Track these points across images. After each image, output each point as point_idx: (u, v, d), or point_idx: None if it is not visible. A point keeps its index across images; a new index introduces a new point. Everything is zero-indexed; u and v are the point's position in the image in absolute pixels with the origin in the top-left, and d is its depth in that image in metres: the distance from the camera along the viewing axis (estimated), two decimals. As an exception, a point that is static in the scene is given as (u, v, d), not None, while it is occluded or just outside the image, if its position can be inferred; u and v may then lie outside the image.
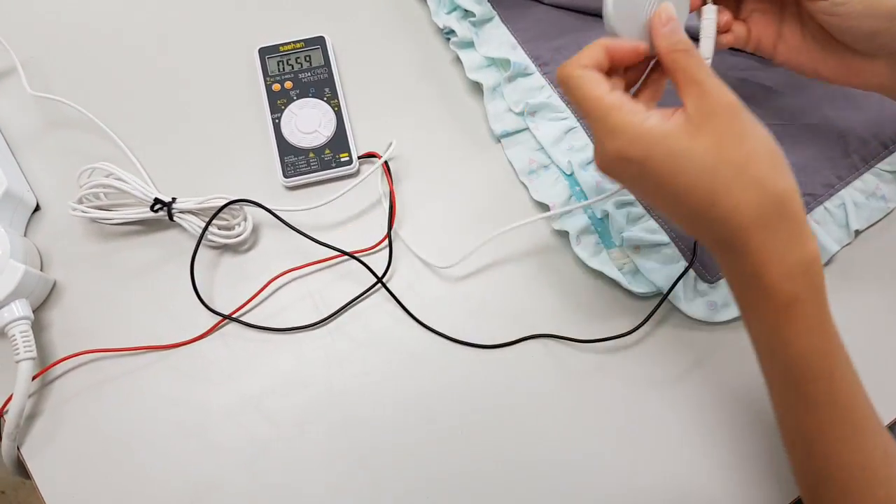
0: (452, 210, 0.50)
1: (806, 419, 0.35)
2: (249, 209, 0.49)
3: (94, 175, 0.49)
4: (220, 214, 0.48)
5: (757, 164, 0.33)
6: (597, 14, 0.53)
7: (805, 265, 0.33)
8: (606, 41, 0.36)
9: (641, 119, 0.34)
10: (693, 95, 0.34)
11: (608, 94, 0.34)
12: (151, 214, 0.48)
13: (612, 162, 0.35)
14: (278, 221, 0.48)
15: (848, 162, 0.49)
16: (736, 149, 0.33)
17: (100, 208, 0.49)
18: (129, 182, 0.49)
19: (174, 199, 0.48)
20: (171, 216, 0.48)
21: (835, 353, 0.34)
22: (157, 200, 0.48)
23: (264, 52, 0.52)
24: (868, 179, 0.49)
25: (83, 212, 0.48)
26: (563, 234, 0.48)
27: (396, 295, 0.47)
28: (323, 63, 0.52)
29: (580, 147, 0.50)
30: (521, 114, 0.51)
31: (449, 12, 0.53)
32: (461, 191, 0.50)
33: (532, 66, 0.52)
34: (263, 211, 0.48)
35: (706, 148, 0.32)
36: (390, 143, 0.49)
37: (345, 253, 0.47)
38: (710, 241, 0.35)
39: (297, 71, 0.52)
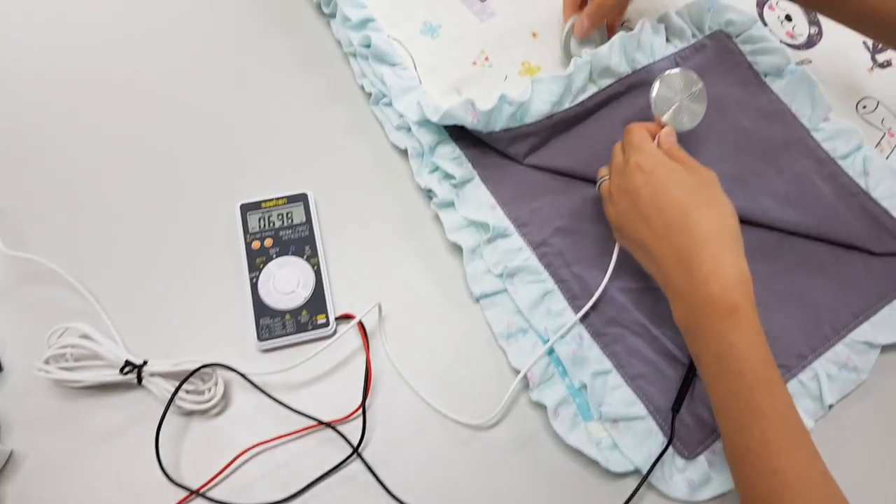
0: (432, 375, 0.49)
1: (753, 431, 0.39)
2: (222, 371, 0.48)
3: (65, 335, 0.48)
4: (191, 378, 0.47)
5: (723, 200, 0.45)
6: (572, 176, 0.56)
7: (743, 280, 0.42)
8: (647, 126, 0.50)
9: (658, 150, 0.48)
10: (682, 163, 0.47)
11: (648, 137, 0.49)
12: (120, 377, 0.47)
13: (629, 174, 0.46)
14: (249, 385, 0.47)
15: (820, 332, 0.50)
16: (711, 188, 0.46)
17: (67, 369, 0.47)
18: (101, 343, 0.47)
19: (145, 362, 0.47)
20: (139, 380, 0.47)
21: (772, 364, 0.41)
22: (127, 363, 0.47)
23: (246, 209, 0.52)
24: (840, 350, 0.50)
25: (48, 373, 0.47)
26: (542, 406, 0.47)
27: (372, 465, 0.46)
28: (305, 220, 0.52)
29: (558, 311, 0.50)
30: (500, 275, 0.51)
31: (431, 172, 0.54)
32: (441, 353, 0.50)
33: (511, 228, 0.53)
34: (234, 374, 0.47)
35: (691, 180, 0.45)
36: (375, 306, 0.49)
37: (319, 422, 0.46)
38: (674, 254, 0.43)
39: (278, 228, 0.52)
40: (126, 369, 0.46)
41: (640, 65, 0.57)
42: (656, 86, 0.50)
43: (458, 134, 0.55)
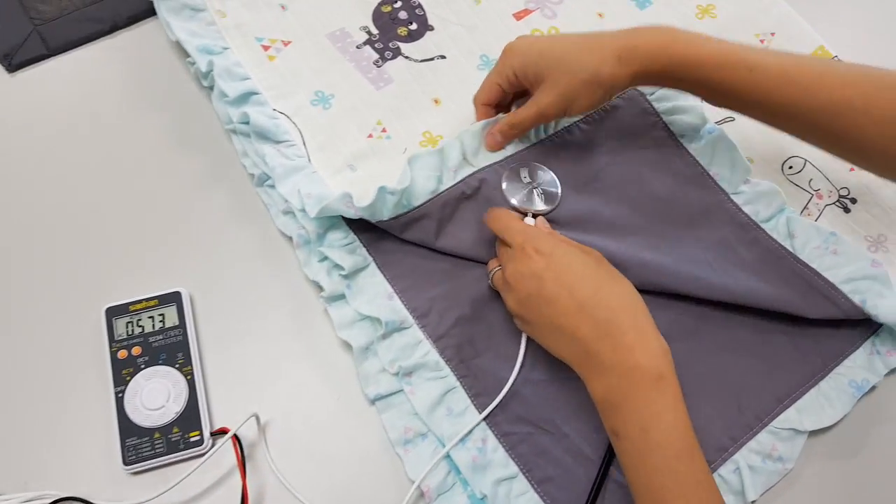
0: (324, 488, 0.44)
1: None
2: (81, 504, 0.43)
3: None
4: (46, 513, 0.42)
5: (622, 277, 0.44)
6: (473, 259, 0.51)
7: (665, 351, 0.41)
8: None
9: (548, 231, 0.49)
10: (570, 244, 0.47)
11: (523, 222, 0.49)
12: (-38, 517, 0.42)
13: (526, 259, 0.44)
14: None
15: (742, 421, 0.46)
16: (607, 266, 0.45)
17: None
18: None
19: (-7, 497, 0.42)
20: (-15, 519, 0.41)
21: (692, 432, 0.40)
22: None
23: (112, 313, 0.47)
24: (763, 439, 0.46)
25: None
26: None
27: None
28: (177, 322, 0.47)
29: (459, 411, 0.46)
30: (396, 374, 0.47)
31: (320, 261, 0.50)
32: (334, 464, 0.45)
33: (410, 319, 0.48)
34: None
35: (589, 259, 0.45)
36: (252, 417, 0.44)
37: None
38: (592, 328, 0.41)
39: (148, 333, 0.47)
40: (-31, 509, 0.41)
41: (521, 145, 0.53)
42: (503, 183, 0.52)
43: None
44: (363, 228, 0.51)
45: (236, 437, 0.44)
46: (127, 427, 0.44)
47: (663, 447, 0.39)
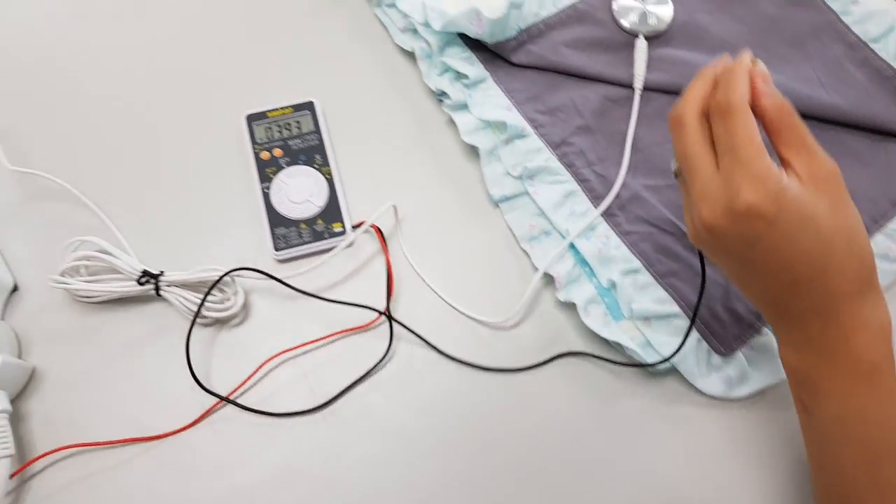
0: (454, 279, 0.48)
1: None
2: (240, 281, 0.47)
3: (80, 249, 0.47)
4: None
5: (860, 234, 0.34)
6: (586, 77, 0.53)
7: (884, 332, 0.34)
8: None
9: (779, 174, 0.32)
10: (803, 159, 0.33)
11: (758, 137, 0.33)
12: (138, 289, 0.46)
13: (737, 216, 0.32)
14: (270, 293, 0.46)
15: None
16: (845, 218, 0.34)
17: (84, 282, 0.46)
18: (117, 255, 0.46)
19: (162, 273, 0.46)
20: (157, 291, 0.46)
21: None
22: (144, 273, 0.46)
23: (251, 119, 0.50)
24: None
25: (66, 284, 0.46)
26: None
27: (398, 369, 0.45)
28: (313, 128, 0.50)
29: (581, 212, 0.49)
30: (519, 177, 0.49)
31: (441, 73, 0.52)
32: (462, 258, 0.49)
33: (528, 128, 0.50)
34: (253, 283, 0.46)
35: (824, 215, 0.33)
36: (390, 207, 0.48)
37: (368, 308, 0.45)
38: (802, 309, 0.34)
39: (287, 138, 0.50)
40: (143, 280, 0.46)
41: None
42: (614, 4, 0.52)
43: (468, 32, 0.53)
44: (479, 47, 0.53)
45: (378, 227, 0.48)
46: (275, 218, 0.48)
47: (863, 443, 0.34)
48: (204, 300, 0.44)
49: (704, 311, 0.46)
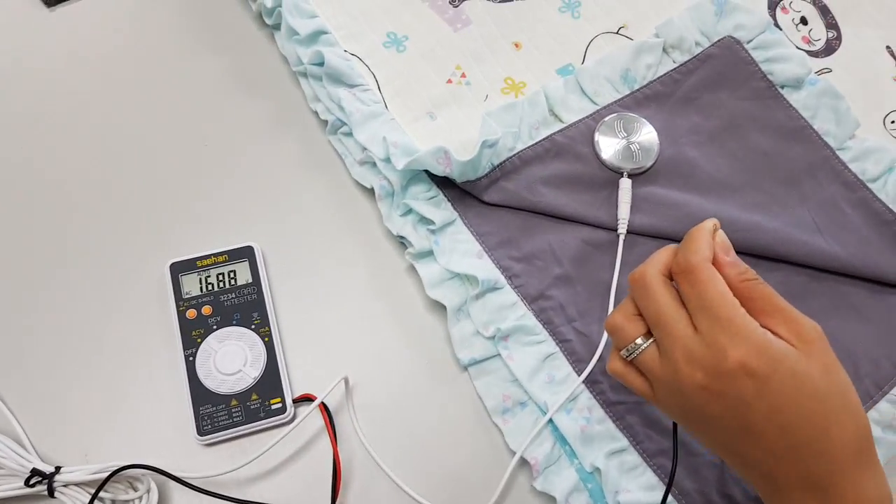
0: (415, 461, 0.41)
1: None
2: (155, 476, 0.38)
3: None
4: (116, 486, 0.38)
5: (854, 400, 0.32)
6: (564, 218, 0.47)
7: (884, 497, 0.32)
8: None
9: (763, 330, 0.31)
10: (785, 324, 0.32)
11: (730, 293, 0.32)
12: (27, 490, 0.37)
13: (729, 375, 0.31)
14: (192, 491, 0.38)
15: (860, 388, 0.43)
16: (838, 382, 0.32)
17: (-51, 482, 0.38)
18: (0, 448, 0.38)
19: (58, 469, 0.38)
20: (51, 492, 0.37)
21: None
22: (34, 472, 0.37)
23: (177, 269, 0.43)
24: (883, 409, 0.43)
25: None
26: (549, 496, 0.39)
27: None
28: (251, 280, 0.43)
29: (561, 379, 0.42)
30: (491, 338, 0.43)
31: (403, 215, 0.46)
32: (425, 434, 0.41)
33: (502, 279, 0.44)
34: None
35: (818, 376, 0.31)
36: (340, 381, 0.40)
37: None
38: (800, 478, 0.31)
39: (219, 292, 0.42)
40: (33, 480, 0.37)
41: (614, 95, 0.50)
42: (597, 137, 0.48)
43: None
44: (447, 183, 0.47)
45: (324, 406, 0.40)
46: (200, 393, 0.40)
47: None
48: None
49: (697, 497, 0.40)
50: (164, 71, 0.51)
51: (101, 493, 0.37)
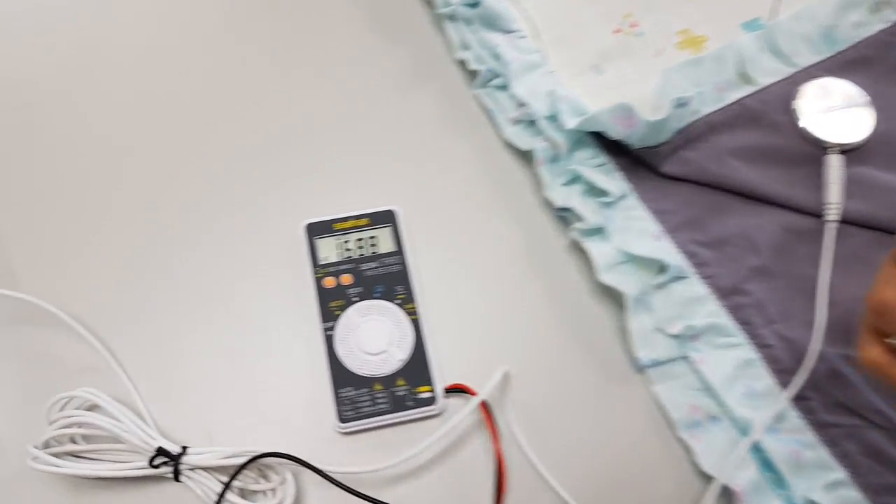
0: (583, 474, 0.34)
1: None
2: (292, 467, 0.34)
3: (69, 406, 0.34)
4: (246, 473, 0.33)
5: None
6: (759, 198, 0.40)
7: None
8: None
9: None
10: None
11: None
12: (150, 471, 0.33)
13: None
14: (333, 487, 0.33)
15: None
16: None
17: (73, 455, 0.34)
18: (122, 421, 0.34)
19: (185, 450, 0.33)
20: (177, 475, 0.33)
21: None
22: (160, 451, 0.33)
23: (313, 231, 0.38)
24: None
25: (49, 464, 0.33)
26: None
27: None
28: (394, 248, 0.38)
29: (762, 392, 0.35)
30: (677, 336, 0.36)
31: (567, 184, 0.39)
32: (593, 444, 0.35)
33: (687, 266, 0.37)
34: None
35: None
36: (501, 375, 0.35)
37: None
38: None
39: (359, 259, 0.37)
40: (158, 461, 0.33)
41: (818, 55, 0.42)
42: (795, 103, 0.41)
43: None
44: (617, 150, 0.40)
45: (485, 405, 0.34)
46: (340, 374, 0.35)
47: None
48: (223, 495, 0.32)
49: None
50: (294, 21, 0.46)
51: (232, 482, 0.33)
